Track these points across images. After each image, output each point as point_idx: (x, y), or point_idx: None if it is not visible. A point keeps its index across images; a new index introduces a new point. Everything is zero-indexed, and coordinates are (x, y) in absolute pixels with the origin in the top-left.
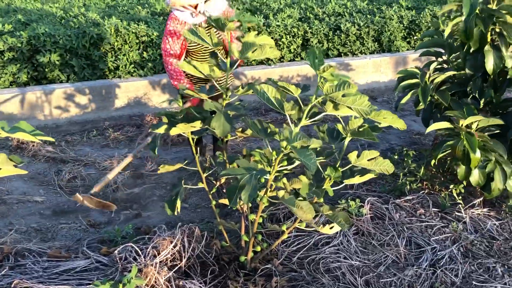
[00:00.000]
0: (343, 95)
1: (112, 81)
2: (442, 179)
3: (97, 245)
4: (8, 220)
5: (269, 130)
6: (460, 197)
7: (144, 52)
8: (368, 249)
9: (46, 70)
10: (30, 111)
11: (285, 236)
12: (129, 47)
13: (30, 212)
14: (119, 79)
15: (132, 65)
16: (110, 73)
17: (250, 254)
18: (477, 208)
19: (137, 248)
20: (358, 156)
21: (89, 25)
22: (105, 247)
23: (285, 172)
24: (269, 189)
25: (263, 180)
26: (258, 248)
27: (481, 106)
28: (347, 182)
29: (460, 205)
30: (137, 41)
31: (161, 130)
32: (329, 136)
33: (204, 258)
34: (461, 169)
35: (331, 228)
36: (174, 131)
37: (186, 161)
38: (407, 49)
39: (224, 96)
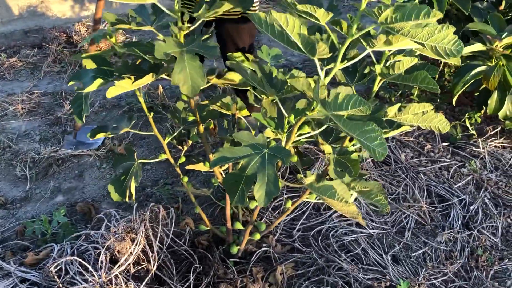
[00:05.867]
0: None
1: None
2: (439, 100)
3: (16, 242)
4: None
5: (279, 79)
6: (472, 127)
7: None
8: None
9: None
10: None
11: (288, 213)
12: None
13: None
14: None
15: None
16: None
17: (244, 242)
18: (492, 139)
19: (82, 260)
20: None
21: None
22: (31, 252)
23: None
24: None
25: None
26: (257, 236)
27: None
28: None
29: (474, 138)
30: None
31: (92, 87)
32: (345, 74)
33: (175, 247)
34: (492, 101)
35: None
36: (112, 92)
37: (133, 122)
38: None
39: (179, 22)
